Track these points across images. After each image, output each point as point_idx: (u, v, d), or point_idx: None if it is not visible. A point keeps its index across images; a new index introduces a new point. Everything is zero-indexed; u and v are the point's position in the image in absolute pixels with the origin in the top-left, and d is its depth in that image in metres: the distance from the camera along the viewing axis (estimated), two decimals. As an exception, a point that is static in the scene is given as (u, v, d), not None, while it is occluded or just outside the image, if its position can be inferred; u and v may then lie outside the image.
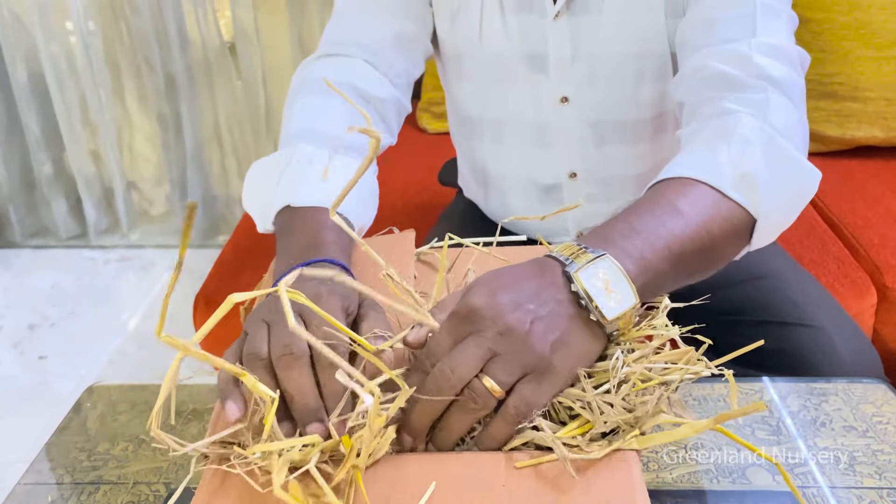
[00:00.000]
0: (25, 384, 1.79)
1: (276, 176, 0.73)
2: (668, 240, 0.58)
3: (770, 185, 0.66)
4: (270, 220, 0.73)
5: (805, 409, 0.73)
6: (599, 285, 0.52)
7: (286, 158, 0.75)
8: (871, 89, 1.50)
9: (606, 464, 0.47)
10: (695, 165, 0.66)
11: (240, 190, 2.35)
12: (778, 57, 0.74)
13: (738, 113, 0.70)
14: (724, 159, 0.66)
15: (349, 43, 0.86)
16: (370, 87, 0.84)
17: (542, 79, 0.92)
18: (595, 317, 0.52)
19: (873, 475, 0.65)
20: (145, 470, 0.68)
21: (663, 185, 0.65)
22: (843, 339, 0.88)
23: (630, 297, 0.53)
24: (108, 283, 2.21)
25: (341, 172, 0.74)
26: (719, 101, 0.73)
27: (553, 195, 1.00)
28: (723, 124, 0.70)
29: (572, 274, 0.52)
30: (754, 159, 0.66)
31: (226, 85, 2.20)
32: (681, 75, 0.80)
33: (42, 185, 2.34)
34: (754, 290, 0.94)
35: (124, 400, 0.78)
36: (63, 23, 2.15)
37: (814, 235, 1.30)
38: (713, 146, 0.67)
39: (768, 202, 0.66)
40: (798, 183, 0.70)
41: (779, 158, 0.68)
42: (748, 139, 0.67)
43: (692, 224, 0.61)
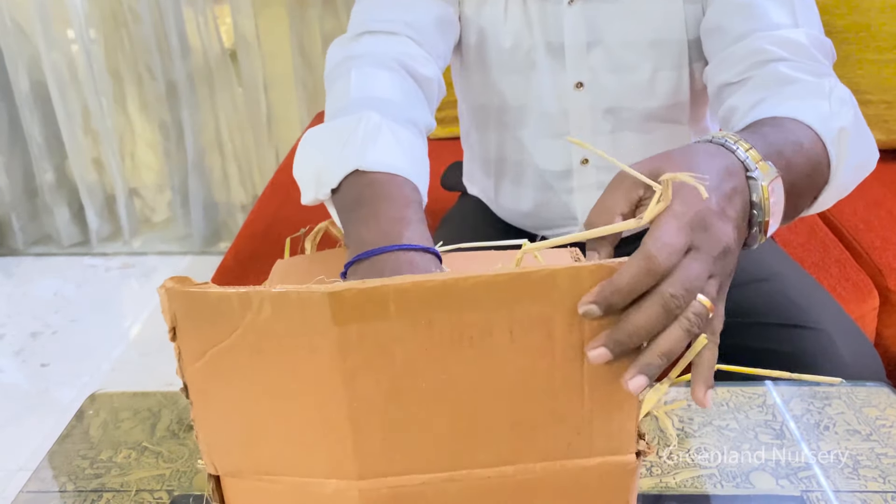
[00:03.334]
0: (28, 392, 1.79)
1: (342, 140, 0.67)
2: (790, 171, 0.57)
3: (853, 146, 0.66)
4: (330, 185, 0.65)
5: (808, 413, 0.73)
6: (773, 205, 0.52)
7: (353, 123, 0.68)
8: (871, 92, 1.50)
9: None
10: (801, 110, 0.66)
11: (241, 196, 2.36)
12: (821, 48, 0.77)
13: (830, 76, 0.72)
14: (826, 111, 0.66)
15: (395, 21, 0.84)
16: (418, 65, 0.82)
17: (559, 65, 0.93)
18: (757, 231, 0.52)
19: (877, 479, 0.65)
20: (148, 477, 0.68)
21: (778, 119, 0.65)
22: (845, 342, 0.88)
23: (776, 225, 0.54)
24: (110, 291, 2.21)
25: (407, 142, 0.69)
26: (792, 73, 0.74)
27: (564, 182, 1.00)
28: (818, 84, 0.71)
29: (761, 185, 0.52)
30: (848, 118, 0.67)
31: (227, 92, 2.20)
32: (729, 57, 0.80)
33: (44, 192, 2.35)
34: (756, 292, 0.95)
35: (127, 407, 0.78)
36: (65, 31, 2.16)
37: (815, 239, 1.30)
38: (813, 100, 0.68)
39: (846, 163, 0.66)
40: (866, 156, 0.71)
41: (861, 127, 0.70)
42: (844, 100, 0.69)
43: (806, 163, 0.61)
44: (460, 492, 0.44)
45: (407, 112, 0.75)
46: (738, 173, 0.52)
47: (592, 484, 0.45)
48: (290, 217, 1.46)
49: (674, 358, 0.43)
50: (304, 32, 2.11)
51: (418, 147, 0.71)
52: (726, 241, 0.47)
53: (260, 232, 1.42)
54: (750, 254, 0.98)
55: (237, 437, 0.44)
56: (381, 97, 0.76)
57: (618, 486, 0.46)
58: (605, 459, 0.44)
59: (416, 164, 0.67)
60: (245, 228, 1.45)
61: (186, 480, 0.67)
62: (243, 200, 2.37)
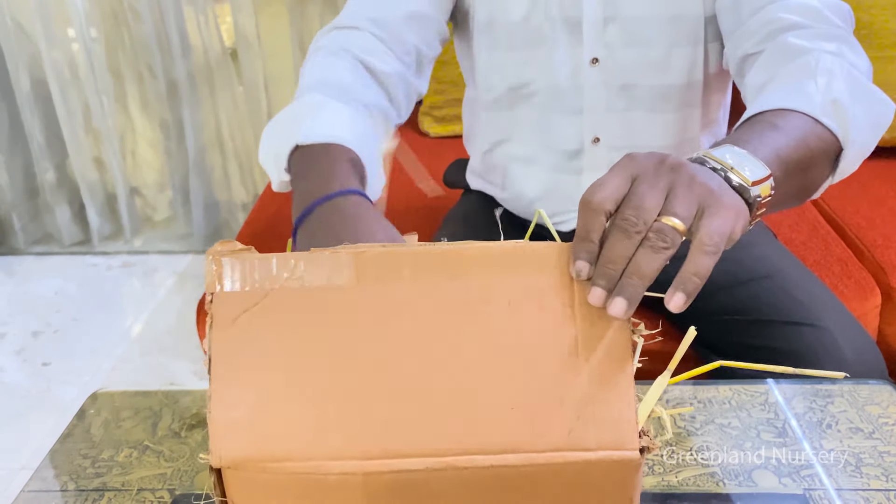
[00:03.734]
0: (29, 391, 1.79)
1: (287, 124, 0.74)
2: (775, 148, 0.59)
3: (854, 112, 0.68)
4: (283, 167, 0.73)
5: (811, 411, 0.73)
6: (731, 157, 0.54)
7: (294, 107, 0.76)
8: (873, 90, 1.49)
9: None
10: (785, 97, 0.68)
11: (241, 195, 2.36)
12: (837, 12, 0.80)
13: (817, 51, 0.74)
14: (813, 90, 0.68)
15: (360, 16, 0.89)
16: (374, 59, 0.86)
17: (576, 41, 0.94)
18: (738, 181, 0.52)
19: (880, 477, 0.65)
20: (149, 477, 0.68)
21: (758, 115, 0.67)
22: (846, 339, 0.88)
23: (762, 168, 0.54)
24: (111, 290, 2.21)
25: (348, 117, 0.75)
26: (796, 42, 0.76)
27: (574, 162, 1.01)
28: (804, 62, 0.73)
29: (702, 156, 0.54)
30: (840, 89, 0.69)
31: (227, 91, 2.20)
32: (746, 30, 0.83)
33: (45, 191, 2.35)
34: (759, 289, 0.95)
35: (128, 406, 0.78)
36: (65, 30, 2.16)
37: (817, 237, 1.30)
38: (799, 80, 0.71)
39: (855, 128, 0.68)
40: (876, 112, 0.73)
41: (859, 89, 0.71)
42: (832, 71, 0.71)
43: (792, 137, 0.63)
44: (463, 482, 0.45)
45: (353, 93, 0.80)
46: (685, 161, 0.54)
47: (596, 479, 0.45)
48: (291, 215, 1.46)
49: (650, 278, 0.45)
50: (305, 31, 2.11)
51: (358, 120, 0.76)
52: (661, 156, 0.49)
53: (261, 230, 1.42)
54: (752, 251, 0.99)
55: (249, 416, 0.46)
56: (327, 80, 0.81)
57: (622, 483, 0.46)
58: (609, 454, 0.44)
59: (351, 132, 0.72)
60: (246, 227, 1.44)
61: (188, 479, 0.67)
62: (244, 199, 2.37)
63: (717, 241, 0.46)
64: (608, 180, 0.48)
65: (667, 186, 0.47)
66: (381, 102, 0.85)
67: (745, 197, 0.53)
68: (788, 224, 1.33)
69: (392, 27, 0.89)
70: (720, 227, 0.47)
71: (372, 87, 0.85)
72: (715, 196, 0.48)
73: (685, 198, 0.47)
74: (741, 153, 0.55)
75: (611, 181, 0.48)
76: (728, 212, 0.48)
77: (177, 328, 1.98)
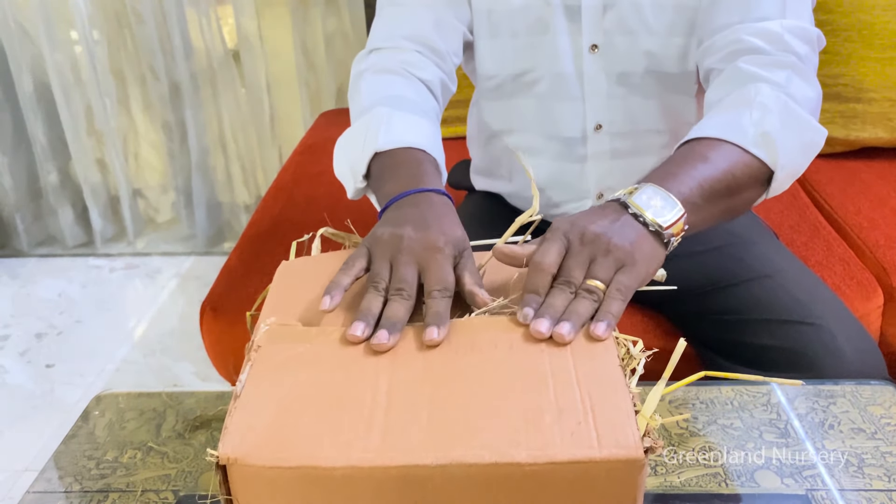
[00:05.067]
0: (33, 393, 1.79)
1: (361, 135, 0.81)
2: (699, 179, 0.70)
3: (785, 142, 0.77)
4: (360, 173, 0.79)
5: (813, 412, 0.73)
6: (650, 203, 0.66)
7: (366, 121, 0.82)
8: (874, 90, 1.49)
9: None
10: (721, 127, 0.77)
11: (244, 197, 2.36)
12: (802, 37, 0.85)
13: (759, 83, 0.81)
14: (747, 122, 0.77)
15: (395, 36, 0.94)
16: (416, 70, 0.92)
17: (575, 28, 0.96)
18: (654, 228, 0.65)
19: (882, 477, 0.65)
20: (154, 478, 0.68)
21: (693, 143, 0.77)
22: (846, 338, 0.88)
23: (677, 208, 0.67)
24: (114, 291, 2.21)
25: (418, 124, 0.82)
26: (748, 69, 0.83)
27: (578, 149, 1.02)
28: (745, 93, 0.81)
29: (626, 200, 0.66)
30: (772, 122, 0.77)
31: (230, 92, 2.21)
32: (712, 46, 0.89)
33: (48, 193, 2.35)
34: (760, 288, 0.95)
35: (132, 408, 0.78)
36: (68, 32, 2.16)
37: (818, 237, 1.30)
38: (737, 111, 0.79)
39: (784, 155, 0.76)
40: (808, 140, 0.81)
41: (792, 120, 0.79)
42: (766, 106, 0.78)
43: (719, 168, 0.73)
44: (469, 479, 0.45)
45: (416, 103, 0.87)
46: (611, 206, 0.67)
47: (600, 479, 0.46)
48: (294, 217, 1.46)
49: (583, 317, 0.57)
50: (307, 32, 2.12)
51: (427, 126, 0.83)
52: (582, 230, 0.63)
53: (264, 232, 1.42)
54: (754, 250, 1.00)
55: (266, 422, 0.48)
56: (390, 94, 0.87)
57: (626, 483, 0.46)
58: (613, 453, 0.45)
59: (426, 138, 0.80)
60: (249, 228, 1.45)
61: (192, 480, 0.68)
62: (247, 200, 2.38)
63: (624, 291, 0.60)
64: (550, 249, 0.62)
65: (589, 257, 0.62)
66: (433, 106, 0.91)
67: (660, 237, 0.66)
68: (790, 225, 1.33)
69: (425, 40, 0.94)
70: (628, 282, 0.61)
71: (426, 95, 0.91)
72: (630, 255, 0.62)
73: (603, 265, 0.61)
74: (661, 192, 0.67)
75: (551, 250, 0.62)
76: (639, 267, 0.62)
77: (180, 330, 1.98)
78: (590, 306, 0.58)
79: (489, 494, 0.46)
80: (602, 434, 0.46)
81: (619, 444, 0.45)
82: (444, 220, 0.66)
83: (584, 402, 0.49)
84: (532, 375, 0.51)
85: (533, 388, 0.50)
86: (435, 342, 0.55)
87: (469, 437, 0.46)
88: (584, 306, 0.58)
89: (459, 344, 0.55)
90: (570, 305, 0.58)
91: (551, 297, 0.59)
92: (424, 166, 0.76)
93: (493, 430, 0.47)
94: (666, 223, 0.66)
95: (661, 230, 0.65)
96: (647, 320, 1.08)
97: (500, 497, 0.46)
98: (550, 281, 0.60)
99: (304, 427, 0.48)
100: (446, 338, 0.56)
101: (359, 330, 0.56)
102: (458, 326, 0.57)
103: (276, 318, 0.59)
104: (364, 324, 0.56)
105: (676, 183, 0.69)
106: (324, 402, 0.50)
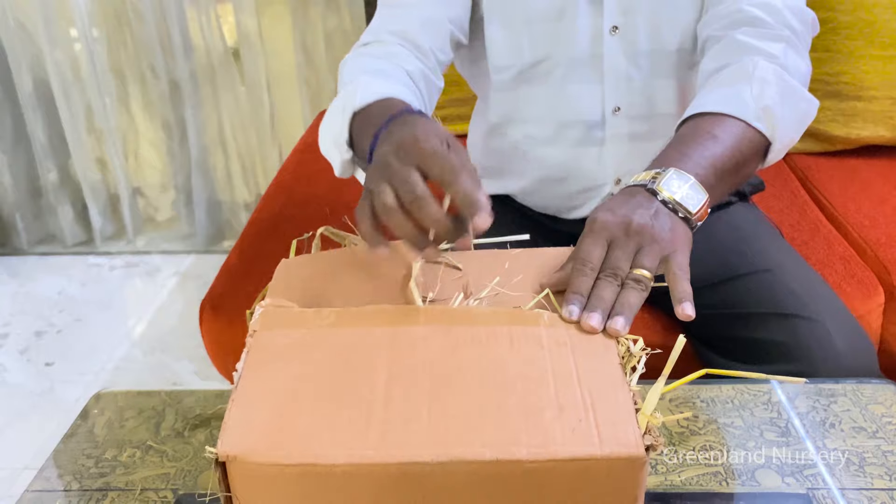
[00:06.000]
0: (32, 391, 1.79)
1: (340, 105, 0.79)
2: (712, 160, 0.73)
3: (783, 115, 0.80)
4: (345, 140, 0.78)
5: (814, 410, 0.73)
6: (678, 190, 0.68)
7: (346, 92, 0.81)
8: (876, 88, 1.49)
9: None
10: (723, 102, 0.80)
11: (244, 195, 2.36)
12: (799, 15, 0.88)
13: (755, 56, 0.84)
14: (748, 96, 0.80)
15: (381, 31, 0.96)
16: (401, 61, 0.92)
17: (596, 10, 0.96)
18: (682, 214, 0.68)
19: (883, 476, 0.65)
20: (153, 476, 0.68)
21: (699, 119, 0.80)
22: (840, 333, 0.89)
23: (702, 193, 0.69)
24: (114, 290, 2.21)
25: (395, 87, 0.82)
26: (745, 40, 0.86)
27: (596, 133, 1.02)
28: (743, 66, 0.83)
29: (653, 188, 0.68)
30: (771, 95, 0.80)
31: (230, 91, 2.21)
32: (714, 14, 0.91)
33: (48, 192, 2.35)
34: (758, 282, 0.95)
35: (131, 406, 0.78)
36: (68, 30, 2.16)
37: (819, 236, 1.30)
38: (737, 85, 0.81)
39: (782, 128, 0.80)
40: (802, 111, 0.85)
41: (788, 93, 0.82)
42: (765, 79, 0.81)
43: (728, 147, 0.76)
44: (469, 475, 0.45)
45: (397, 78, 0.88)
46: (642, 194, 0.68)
47: (601, 477, 0.46)
48: (294, 215, 1.46)
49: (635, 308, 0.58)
50: (307, 30, 2.12)
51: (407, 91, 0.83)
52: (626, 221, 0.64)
53: (264, 230, 1.42)
54: (755, 245, 1.00)
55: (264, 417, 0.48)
56: (372, 69, 0.88)
57: (626, 481, 0.46)
58: (614, 451, 0.45)
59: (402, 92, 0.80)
60: (249, 227, 1.45)
61: (191, 479, 0.68)
62: (247, 199, 2.37)
63: (686, 270, 0.64)
64: (593, 248, 0.63)
65: (636, 247, 0.63)
66: (417, 93, 0.91)
67: (689, 223, 0.69)
68: (790, 223, 1.33)
69: (408, 36, 0.94)
70: (683, 263, 0.64)
71: (409, 80, 0.91)
72: (671, 243, 0.64)
73: (649, 254, 0.63)
74: (686, 181, 0.69)
75: (595, 250, 0.63)
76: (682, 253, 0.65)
77: (179, 328, 1.98)
78: (640, 296, 0.59)
79: (490, 492, 0.46)
80: (603, 431, 0.46)
81: (620, 442, 0.45)
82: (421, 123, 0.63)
83: (584, 399, 0.49)
84: (533, 372, 0.51)
85: (533, 384, 0.50)
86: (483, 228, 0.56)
87: (470, 435, 0.46)
88: (634, 296, 0.59)
89: (459, 335, 0.55)
90: (620, 297, 0.59)
91: (599, 289, 0.59)
92: (398, 104, 0.73)
93: (493, 427, 0.47)
94: (694, 209, 0.68)
95: (691, 216, 0.68)
96: (645, 317, 1.07)
97: (500, 494, 0.46)
98: (592, 282, 0.61)
99: (304, 423, 0.47)
100: (447, 328, 0.55)
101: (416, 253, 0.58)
102: (458, 316, 0.57)
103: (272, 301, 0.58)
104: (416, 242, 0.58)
105: (693, 165, 0.71)
106: (322, 395, 0.50)
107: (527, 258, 0.68)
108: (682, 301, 0.60)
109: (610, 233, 0.64)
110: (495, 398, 0.49)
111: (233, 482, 0.47)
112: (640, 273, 0.61)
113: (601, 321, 0.57)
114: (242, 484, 0.46)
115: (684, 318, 0.59)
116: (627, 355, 0.54)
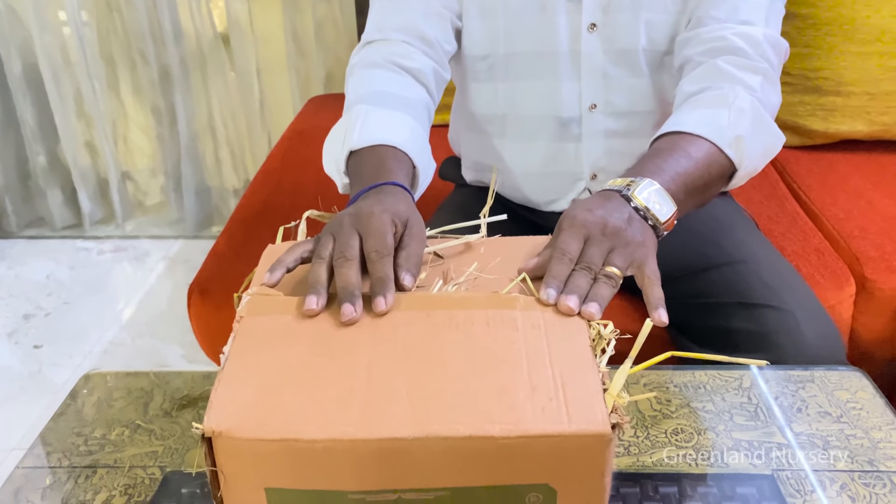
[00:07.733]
0: (20, 373, 1.80)
1: (341, 135, 0.85)
2: (684, 177, 0.77)
3: (752, 146, 0.84)
4: (343, 170, 0.84)
5: (783, 396, 0.75)
6: (650, 199, 0.72)
7: (346, 119, 0.87)
8: (854, 84, 1.51)
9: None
10: (702, 124, 0.83)
11: (233, 181, 2.37)
12: (776, 47, 0.92)
13: (736, 86, 0.87)
14: (724, 123, 0.83)
15: (385, 28, 0.97)
16: (408, 61, 0.95)
17: (574, 7, 0.97)
18: (652, 222, 0.71)
19: (846, 458, 0.67)
20: (141, 454, 0.70)
21: (676, 137, 0.83)
22: (809, 323, 0.91)
23: (671, 205, 0.73)
24: (102, 274, 2.22)
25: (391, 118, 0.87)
26: (726, 68, 0.89)
27: (571, 130, 1.03)
28: (724, 94, 0.87)
29: (628, 194, 0.72)
30: (745, 126, 0.84)
31: (220, 77, 2.21)
32: (696, 37, 0.93)
33: (37, 175, 2.35)
34: (732, 272, 0.98)
35: (120, 387, 0.79)
36: (57, 14, 2.15)
37: (795, 228, 1.32)
38: (716, 110, 0.85)
39: (749, 158, 0.84)
40: (769, 144, 0.89)
41: (761, 127, 0.87)
42: (742, 109, 0.85)
43: (700, 167, 0.80)
44: (445, 451, 0.47)
45: (399, 97, 0.90)
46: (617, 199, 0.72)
47: (570, 453, 0.48)
48: (282, 202, 1.47)
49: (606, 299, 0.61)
50: (297, 18, 2.12)
51: (405, 121, 0.87)
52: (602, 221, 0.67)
53: (252, 216, 1.43)
54: (732, 237, 1.03)
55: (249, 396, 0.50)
56: (373, 91, 0.91)
57: (593, 457, 0.48)
58: (582, 428, 0.47)
59: (400, 133, 0.83)
60: (237, 213, 1.46)
61: (178, 457, 0.69)
62: (235, 185, 2.38)
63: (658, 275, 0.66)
64: (572, 241, 0.66)
65: (609, 247, 0.66)
66: (422, 96, 0.94)
67: (657, 231, 0.72)
68: (768, 215, 1.36)
69: (414, 29, 0.96)
70: (655, 269, 0.67)
71: (412, 85, 0.94)
72: (642, 247, 0.68)
73: (621, 255, 0.66)
74: (657, 193, 0.73)
75: (573, 243, 0.66)
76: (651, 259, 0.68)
77: (167, 312, 1.99)
78: (611, 291, 0.63)
79: (465, 466, 0.48)
80: (572, 410, 0.48)
81: (588, 420, 0.47)
82: (391, 200, 0.69)
83: (555, 380, 0.51)
84: (507, 354, 0.53)
85: (508, 366, 0.52)
86: (383, 311, 0.57)
87: (446, 412, 0.48)
88: (606, 290, 0.62)
89: (438, 319, 0.57)
90: (593, 288, 0.62)
91: (575, 278, 0.62)
92: (388, 164, 0.79)
93: (468, 405, 0.49)
94: (663, 218, 0.72)
95: (659, 225, 0.72)
96: (622, 304, 1.09)
97: (475, 469, 0.48)
98: (569, 269, 0.64)
99: (287, 401, 0.49)
100: (426, 313, 0.58)
101: (313, 303, 0.58)
102: (437, 301, 0.59)
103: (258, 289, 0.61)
104: (315, 296, 0.58)
105: (667, 178, 0.75)
106: (306, 377, 0.52)
107: (504, 246, 0.70)
108: (657, 307, 0.63)
109: (587, 230, 0.67)
110: (472, 379, 0.51)
111: (218, 457, 0.48)
112: (612, 270, 0.64)
113: (578, 304, 0.59)
114: (227, 459, 0.48)
115: (659, 325, 0.62)
116: (598, 338, 0.56)
